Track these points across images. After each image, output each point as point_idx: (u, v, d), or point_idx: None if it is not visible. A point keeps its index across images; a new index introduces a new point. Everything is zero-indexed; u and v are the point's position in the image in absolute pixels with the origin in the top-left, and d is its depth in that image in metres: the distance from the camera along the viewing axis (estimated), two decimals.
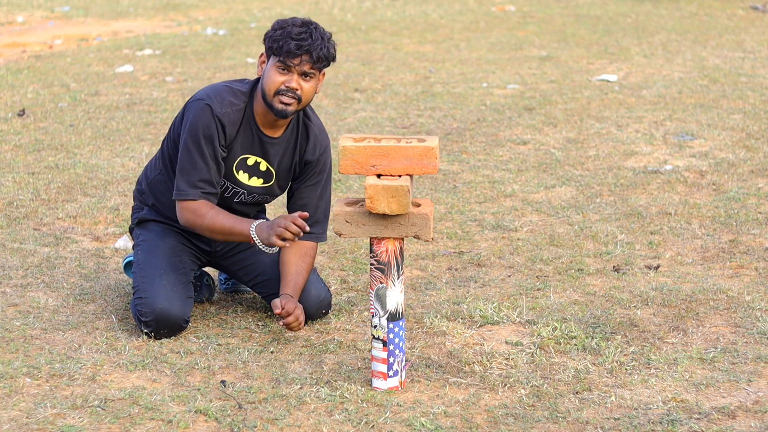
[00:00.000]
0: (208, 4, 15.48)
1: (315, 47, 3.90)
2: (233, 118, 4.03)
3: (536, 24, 13.28)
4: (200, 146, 4.01)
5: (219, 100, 4.02)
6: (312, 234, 4.15)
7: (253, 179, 4.16)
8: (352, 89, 9.01)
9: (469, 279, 4.72)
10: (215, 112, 4.00)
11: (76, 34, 12.70)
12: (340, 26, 13.11)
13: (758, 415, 3.48)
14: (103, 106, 8.34)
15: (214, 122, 3.99)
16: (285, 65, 3.92)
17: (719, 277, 4.71)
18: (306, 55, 3.90)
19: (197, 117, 4.01)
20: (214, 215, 4.01)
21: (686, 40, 11.78)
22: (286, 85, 3.93)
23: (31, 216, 5.55)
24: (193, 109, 4.04)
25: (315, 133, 4.17)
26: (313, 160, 4.17)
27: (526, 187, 6.12)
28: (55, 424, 3.40)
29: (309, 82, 3.96)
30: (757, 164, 6.50)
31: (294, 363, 3.88)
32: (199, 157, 4.01)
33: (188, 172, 4.02)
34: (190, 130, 4.02)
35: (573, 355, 3.94)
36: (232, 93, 4.05)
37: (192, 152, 4.01)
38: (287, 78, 3.94)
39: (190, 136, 4.01)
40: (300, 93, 3.95)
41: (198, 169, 4.02)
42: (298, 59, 3.91)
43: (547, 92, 8.84)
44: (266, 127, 4.10)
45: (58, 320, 4.23)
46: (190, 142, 4.01)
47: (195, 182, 4.02)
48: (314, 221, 4.19)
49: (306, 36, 3.90)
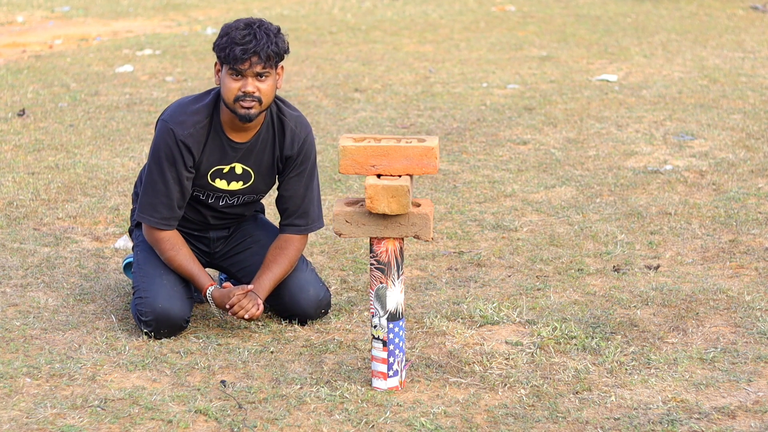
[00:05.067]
0: (208, 4, 15.48)
1: (261, 47, 3.88)
2: (198, 138, 4.04)
3: (536, 24, 13.28)
4: (162, 169, 4.05)
5: (181, 122, 4.03)
6: (295, 226, 4.19)
7: (232, 184, 4.16)
8: (352, 89, 9.01)
9: (469, 279, 4.72)
10: (178, 137, 4.02)
11: (76, 34, 12.70)
12: (340, 26, 13.11)
13: (758, 415, 3.48)
14: (103, 106, 8.34)
15: (177, 146, 4.02)
16: (236, 71, 3.91)
17: (719, 277, 4.71)
18: (255, 57, 3.88)
19: (160, 140, 4.06)
20: (178, 253, 4.11)
21: (686, 40, 11.78)
22: (243, 90, 3.92)
23: (31, 216, 5.55)
24: (158, 131, 4.09)
25: (291, 127, 4.15)
26: (292, 155, 4.17)
27: (526, 187, 6.12)
28: (55, 424, 3.40)
29: (265, 82, 3.95)
30: (757, 164, 6.50)
31: (294, 363, 3.88)
32: (161, 180, 4.06)
33: (150, 195, 4.08)
34: (154, 153, 4.08)
35: (573, 355, 3.94)
36: (195, 111, 4.06)
37: (154, 174, 4.07)
38: (242, 83, 3.92)
39: (153, 159, 4.08)
40: (258, 95, 3.94)
41: (157, 192, 4.07)
42: (247, 63, 3.89)
43: (547, 92, 8.84)
44: (235, 133, 4.09)
45: (58, 320, 4.23)
46: (153, 164, 4.08)
47: (156, 206, 4.08)
48: (300, 213, 4.19)
49: (250, 38, 3.87)
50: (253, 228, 4.37)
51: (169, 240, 4.11)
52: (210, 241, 4.33)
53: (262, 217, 4.49)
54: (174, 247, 4.11)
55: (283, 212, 4.22)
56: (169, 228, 4.11)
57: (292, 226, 4.19)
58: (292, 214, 4.19)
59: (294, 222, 4.19)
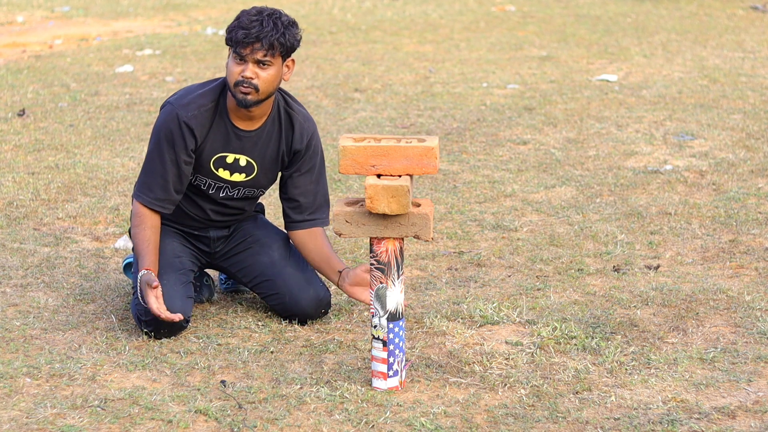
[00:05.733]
0: (208, 4, 15.48)
1: (264, 35, 3.87)
2: (201, 120, 4.05)
3: (536, 24, 13.27)
4: (161, 150, 4.06)
5: (186, 104, 4.05)
6: (317, 220, 4.23)
7: (234, 175, 4.17)
8: (352, 89, 9.01)
9: (469, 279, 4.72)
10: (181, 118, 4.03)
11: (76, 34, 12.70)
12: (340, 26, 13.11)
13: (758, 415, 3.48)
14: (103, 106, 8.34)
15: (179, 128, 4.03)
16: (239, 55, 3.93)
17: (719, 277, 4.71)
18: (257, 43, 3.89)
19: (163, 121, 4.07)
20: (142, 231, 4.08)
21: (686, 40, 11.78)
22: (242, 75, 3.93)
23: (31, 216, 5.55)
24: (162, 113, 4.11)
25: (300, 121, 4.16)
26: (301, 149, 4.17)
27: (526, 187, 6.12)
28: (55, 424, 3.40)
29: (267, 70, 3.94)
30: (757, 164, 6.50)
31: (294, 363, 3.88)
32: (159, 160, 4.07)
33: (147, 175, 4.09)
34: (155, 132, 4.09)
35: (573, 355, 3.94)
36: (201, 94, 4.08)
37: (153, 154, 4.08)
38: (242, 67, 3.94)
39: (155, 140, 4.09)
40: (256, 82, 3.93)
41: (154, 172, 4.07)
42: (249, 48, 3.90)
43: (547, 92, 8.84)
44: (241, 121, 4.10)
45: (58, 320, 4.23)
46: (153, 144, 4.09)
47: (151, 186, 4.08)
48: (315, 208, 4.22)
49: (255, 24, 3.88)
50: (254, 228, 4.38)
51: (152, 228, 4.08)
52: (210, 240, 4.33)
53: (262, 217, 4.49)
54: (147, 230, 4.07)
55: (296, 209, 4.21)
56: (162, 209, 4.10)
57: (315, 220, 4.22)
58: (307, 209, 4.20)
59: (316, 216, 4.23)
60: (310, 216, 4.23)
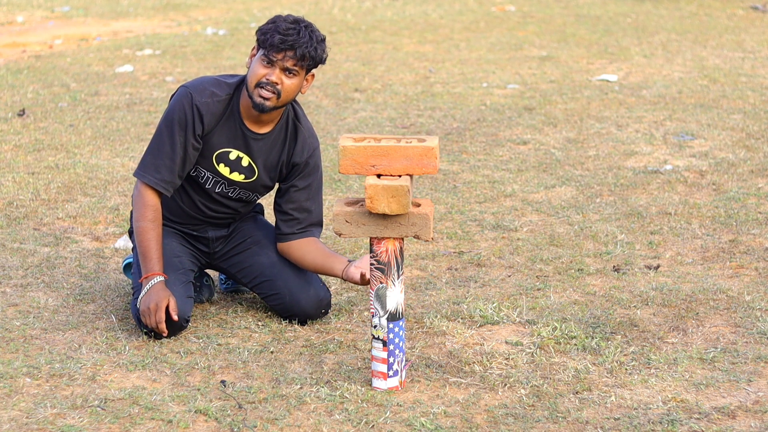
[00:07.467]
0: (208, 4, 15.48)
1: (300, 44, 3.91)
2: (213, 109, 4.06)
3: (536, 24, 13.28)
4: (172, 131, 4.05)
5: (201, 90, 4.06)
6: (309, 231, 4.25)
7: (234, 174, 4.17)
8: (352, 89, 9.01)
9: (469, 279, 4.72)
10: (194, 101, 4.04)
11: (76, 34, 12.70)
12: (340, 26, 13.11)
13: (758, 415, 3.48)
14: (103, 106, 8.34)
15: (191, 110, 4.04)
16: (269, 59, 3.94)
17: (719, 277, 4.71)
18: (290, 51, 3.91)
19: (176, 102, 4.07)
20: (146, 224, 4.06)
21: (686, 40, 11.78)
22: (267, 78, 3.95)
23: (31, 216, 5.55)
24: (176, 95, 4.11)
25: (304, 135, 4.18)
26: (300, 162, 4.18)
27: (526, 187, 6.12)
28: (55, 424, 3.40)
29: (292, 79, 3.96)
30: (757, 164, 6.50)
31: (294, 363, 3.88)
32: (169, 141, 4.06)
33: (155, 155, 4.08)
34: (167, 113, 4.09)
35: (573, 355, 3.94)
36: (217, 85, 4.09)
37: (163, 135, 4.07)
38: (269, 71, 3.95)
39: (165, 119, 4.08)
40: (280, 88, 3.95)
41: (163, 153, 4.06)
42: (281, 54, 3.92)
43: (547, 92, 8.84)
44: (251, 122, 4.11)
45: (58, 320, 4.23)
46: (164, 125, 4.08)
47: (159, 167, 4.07)
48: (308, 224, 4.22)
49: (293, 32, 3.91)
50: (253, 228, 4.38)
51: (155, 212, 4.08)
52: (209, 241, 4.33)
53: (261, 218, 4.49)
54: (155, 220, 4.08)
55: (290, 221, 4.22)
56: (165, 191, 4.09)
57: (308, 231, 4.25)
58: (300, 224, 4.23)
59: (309, 229, 4.25)
60: (302, 229, 4.24)
